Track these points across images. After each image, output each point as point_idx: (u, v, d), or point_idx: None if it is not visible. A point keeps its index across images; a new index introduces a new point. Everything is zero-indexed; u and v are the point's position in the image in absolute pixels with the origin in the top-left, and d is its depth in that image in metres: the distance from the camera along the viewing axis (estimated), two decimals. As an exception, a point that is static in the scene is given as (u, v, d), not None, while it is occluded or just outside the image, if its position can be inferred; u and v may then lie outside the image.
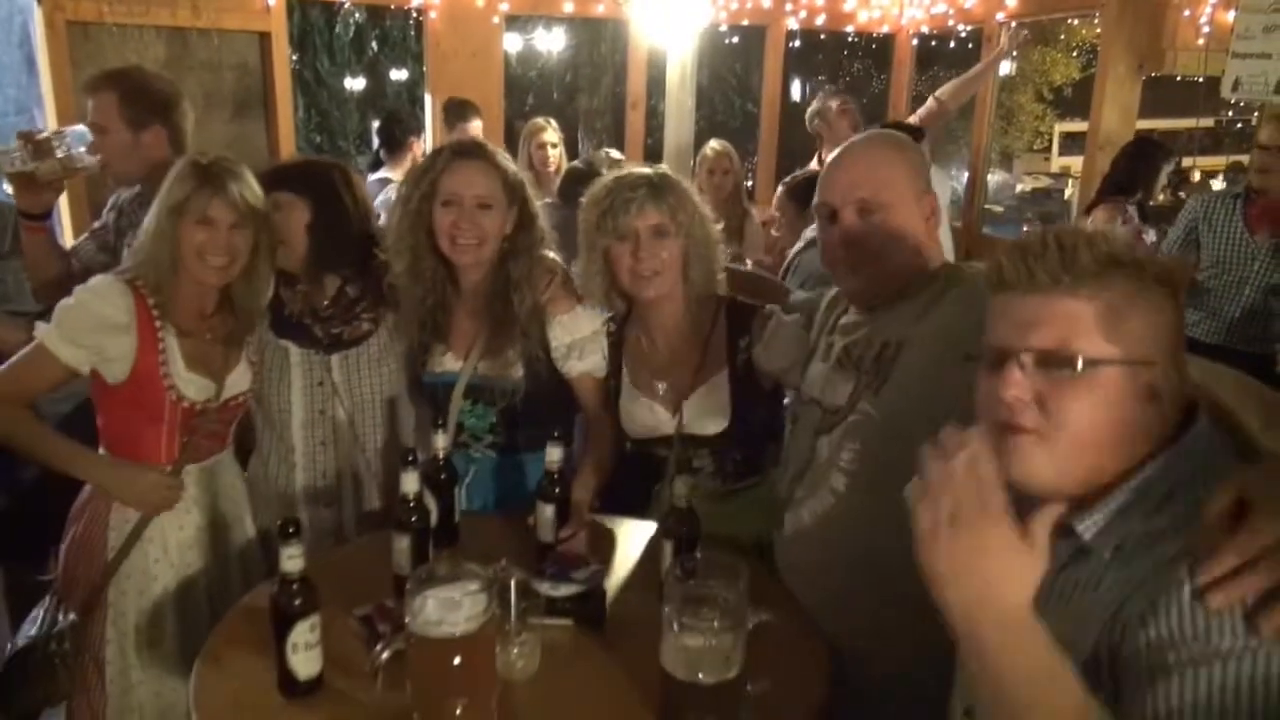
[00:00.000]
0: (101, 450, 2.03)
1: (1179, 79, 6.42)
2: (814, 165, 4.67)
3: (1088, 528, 1.06)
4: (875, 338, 1.71)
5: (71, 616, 1.96)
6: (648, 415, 2.10)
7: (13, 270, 2.91)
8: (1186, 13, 5.02)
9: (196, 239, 1.91)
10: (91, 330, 1.90)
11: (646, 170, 2.07)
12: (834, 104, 4.61)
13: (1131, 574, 1.00)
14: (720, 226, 2.14)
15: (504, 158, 2.10)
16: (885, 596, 1.47)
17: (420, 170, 2.10)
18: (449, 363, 2.16)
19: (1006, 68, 11.44)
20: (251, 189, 1.97)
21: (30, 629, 1.95)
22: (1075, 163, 13.94)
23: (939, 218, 1.77)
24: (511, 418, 2.16)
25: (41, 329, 1.91)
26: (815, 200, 1.79)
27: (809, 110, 4.86)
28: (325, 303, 2.17)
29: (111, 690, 1.99)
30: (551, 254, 2.19)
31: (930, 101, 4.44)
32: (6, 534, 2.81)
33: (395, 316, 2.22)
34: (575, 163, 4.26)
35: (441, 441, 1.92)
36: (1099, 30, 6.09)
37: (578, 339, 2.13)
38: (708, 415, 2.05)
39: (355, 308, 2.19)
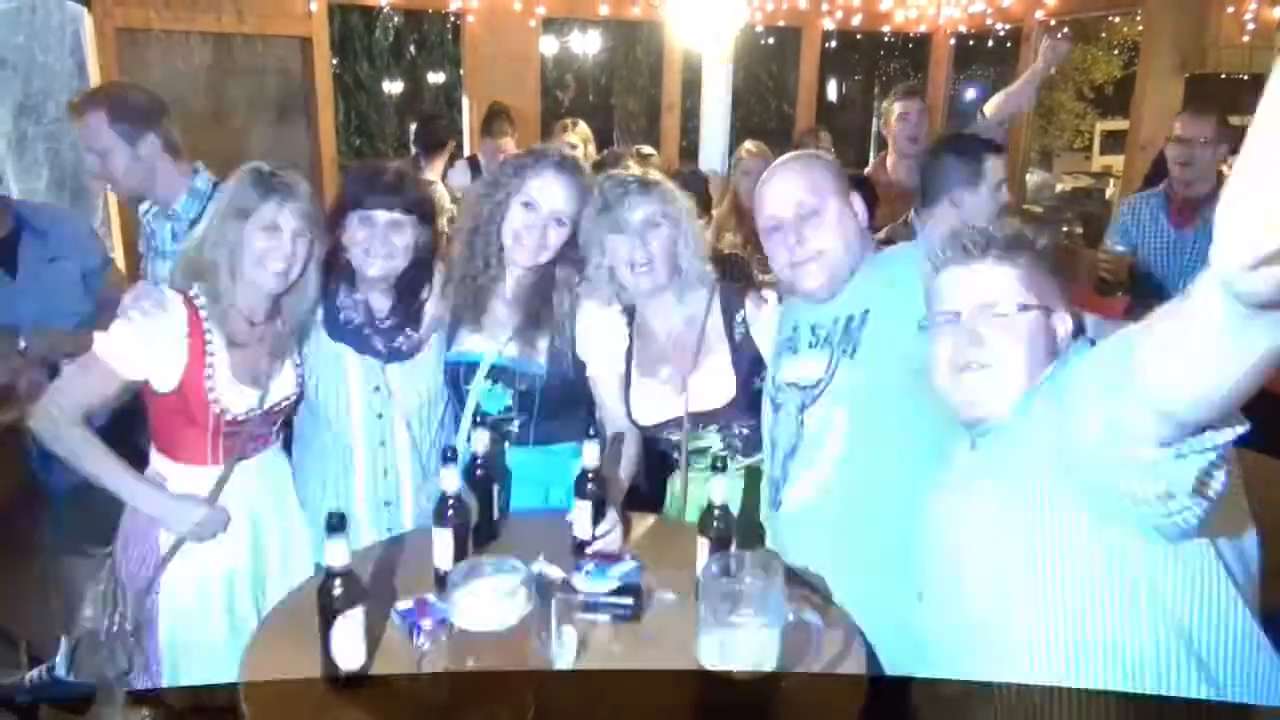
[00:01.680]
0: (153, 450, 2.08)
1: (1222, 76, 6.31)
2: (877, 168, 4.55)
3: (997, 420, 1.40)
4: (839, 314, 1.88)
5: (127, 600, 2.02)
6: (656, 400, 2.17)
7: (67, 272, 2.96)
8: (1231, 9, 4.94)
9: (259, 245, 1.95)
10: (147, 343, 1.93)
11: (636, 170, 2.21)
12: (896, 108, 4.46)
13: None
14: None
15: (591, 180, 2.20)
16: (883, 546, 1.61)
17: (515, 165, 2.18)
18: (477, 344, 2.21)
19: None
20: (312, 198, 2.02)
21: (91, 610, 2.00)
22: (1117, 162, 13.70)
23: (864, 216, 1.99)
24: (527, 405, 2.20)
25: (99, 339, 1.93)
26: (759, 221, 1.97)
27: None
28: (385, 313, 2.21)
29: (161, 669, 2.05)
30: None
31: (977, 115, 4.40)
32: (65, 531, 2.89)
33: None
34: (599, 157, 4.27)
35: (483, 439, 1.95)
36: (1141, 27, 6.02)
37: (609, 333, 2.20)
38: (712, 388, 2.13)
39: (408, 318, 2.22)
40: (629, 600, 1.69)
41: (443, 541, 1.76)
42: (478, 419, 2.20)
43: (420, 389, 2.24)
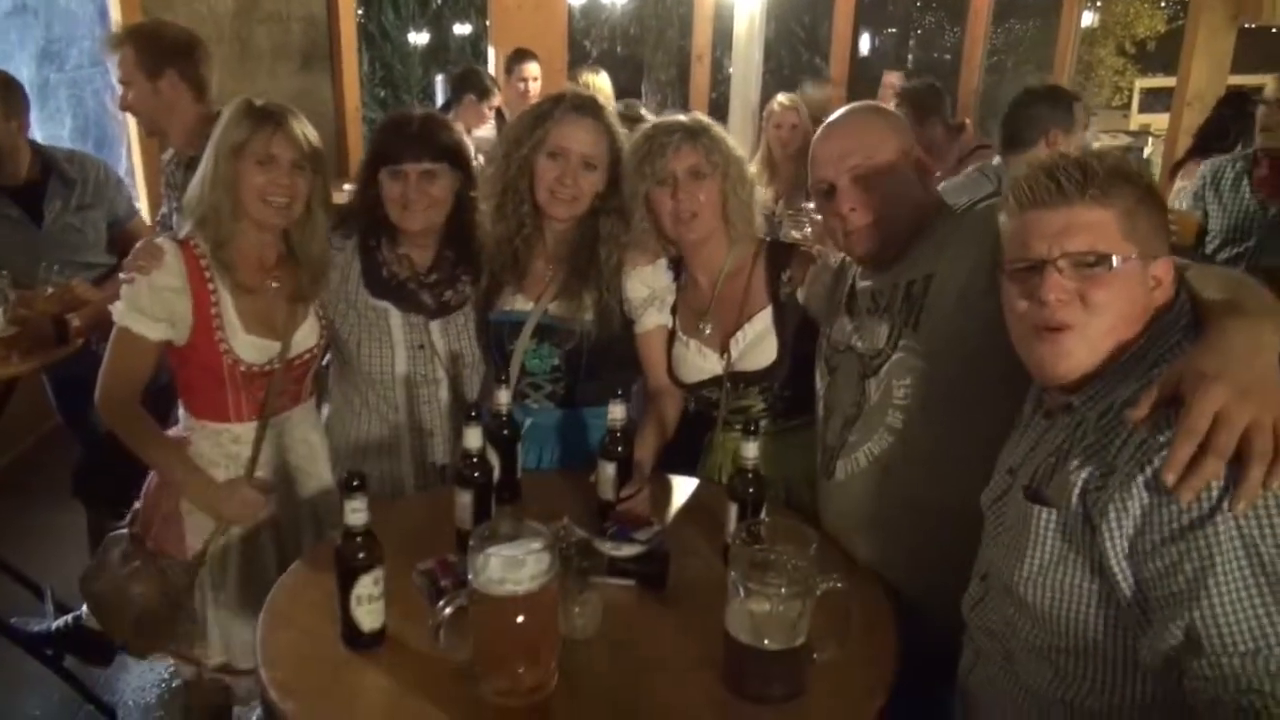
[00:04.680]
0: (181, 410, 2.05)
1: (1275, 30, 6.10)
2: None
3: (1084, 400, 1.25)
4: (899, 279, 1.75)
5: (176, 572, 1.98)
6: (697, 358, 2.12)
7: (92, 221, 2.95)
8: (1289, -43, 4.73)
9: (257, 180, 1.89)
10: (155, 298, 1.89)
11: (682, 117, 2.10)
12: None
13: (1108, 439, 1.18)
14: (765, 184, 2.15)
15: (615, 119, 2.11)
16: (941, 526, 1.54)
17: (534, 116, 2.09)
18: (519, 303, 2.16)
19: (1089, 19, 11.06)
20: (310, 130, 1.95)
21: (142, 589, 1.95)
22: (1155, 120, 13.36)
23: (931, 170, 1.86)
24: (575, 365, 2.14)
25: (116, 310, 1.91)
26: (811, 181, 1.85)
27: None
28: (427, 267, 2.16)
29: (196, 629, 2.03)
30: None
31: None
32: (90, 484, 2.89)
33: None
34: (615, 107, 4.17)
35: (505, 397, 1.91)
36: (1191, -22, 5.79)
37: (657, 290, 2.14)
38: (755, 351, 2.07)
39: (455, 271, 2.18)
40: (655, 565, 1.64)
41: (464, 501, 1.73)
42: (520, 385, 2.15)
43: (467, 348, 2.21)
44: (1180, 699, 1.12)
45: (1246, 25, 5.23)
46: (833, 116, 1.86)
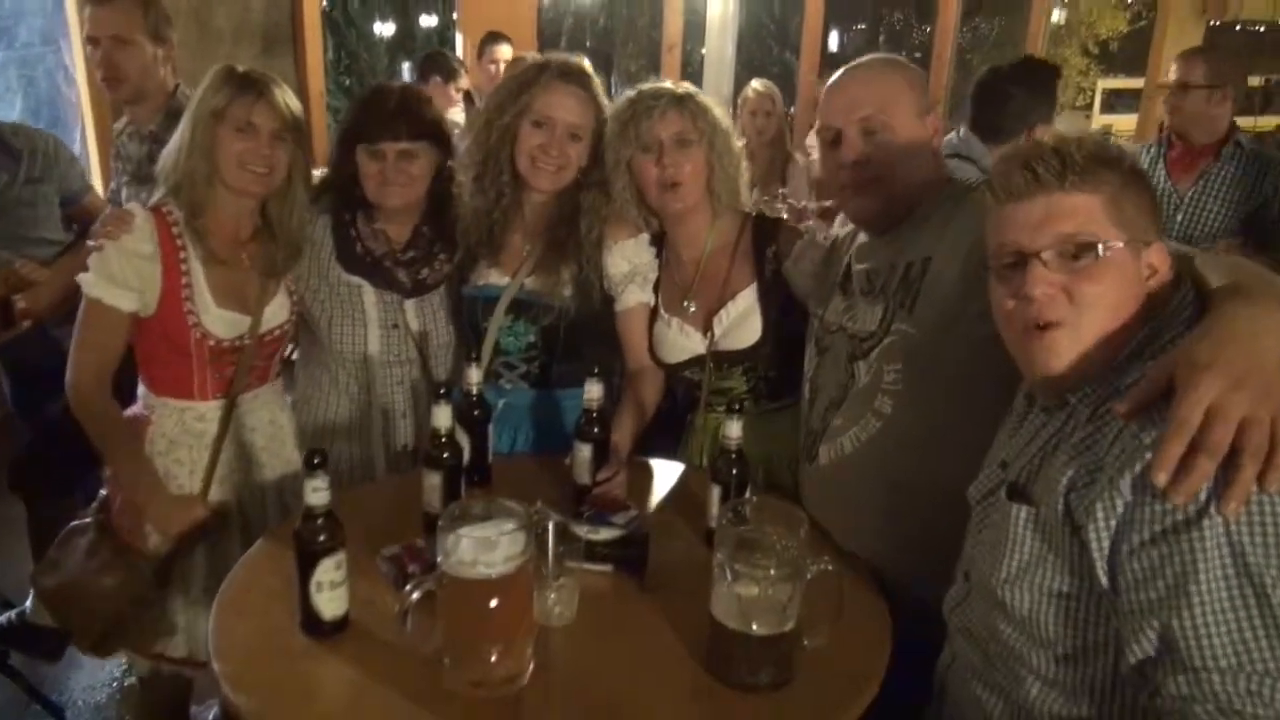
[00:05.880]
0: (140, 386, 1.96)
1: (1238, 28, 6.16)
2: None
3: (1081, 398, 1.17)
4: (897, 260, 1.67)
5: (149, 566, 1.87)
6: (679, 337, 2.06)
7: (43, 195, 2.82)
8: (1258, -47, 4.77)
9: (236, 147, 1.83)
10: (126, 264, 1.81)
11: (668, 84, 2.04)
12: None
13: (1098, 436, 1.11)
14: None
15: (601, 89, 2.05)
16: (927, 515, 1.47)
17: (517, 83, 2.02)
18: (494, 277, 2.08)
19: (1056, 15, 11.22)
20: (292, 99, 1.90)
21: (112, 581, 1.85)
22: (1118, 121, 13.58)
23: (943, 137, 1.78)
24: (551, 342, 2.07)
25: (86, 282, 1.82)
26: (816, 126, 1.77)
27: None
28: (404, 244, 2.09)
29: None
30: None
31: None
32: (29, 477, 2.77)
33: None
34: None
35: (475, 376, 1.84)
36: (1159, -25, 5.84)
37: (639, 266, 2.06)
38: (738, 329, 2.01)
39: (433, 248, 2.11)
40: (634, 550, 1.57)
41: (432, 483, 1.65)
42: (494, 364, 2.08)
43: (442, 329, 2.15)
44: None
45: (1213, 22, 5.27)
46: (852, 63, 1.77)
